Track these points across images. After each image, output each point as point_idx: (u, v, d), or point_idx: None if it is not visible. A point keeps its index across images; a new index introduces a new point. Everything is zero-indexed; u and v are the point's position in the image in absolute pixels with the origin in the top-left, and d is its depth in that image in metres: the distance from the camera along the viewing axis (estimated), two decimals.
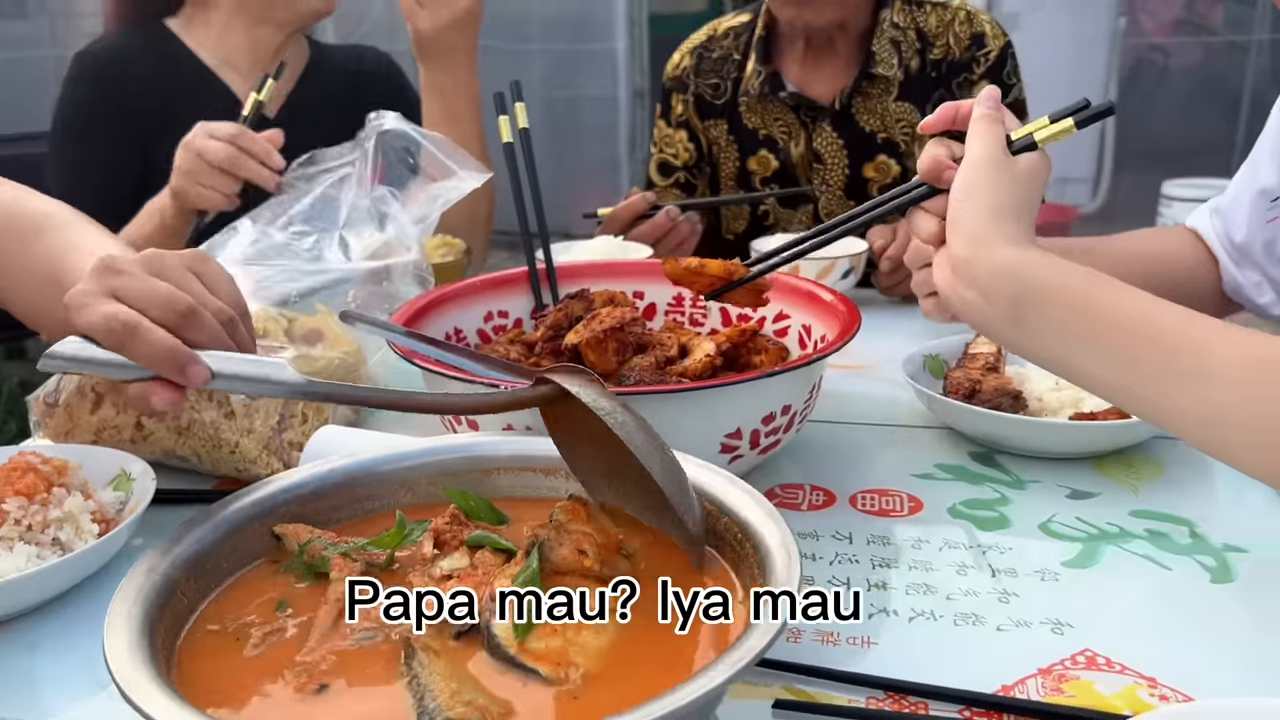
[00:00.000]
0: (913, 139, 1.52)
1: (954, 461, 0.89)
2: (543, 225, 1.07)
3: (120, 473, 0.79)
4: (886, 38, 1.48)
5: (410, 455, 0.69)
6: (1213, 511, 0.79)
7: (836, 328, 0.88)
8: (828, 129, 1.52)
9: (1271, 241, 1.14)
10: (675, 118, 1.65)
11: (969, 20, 1.49)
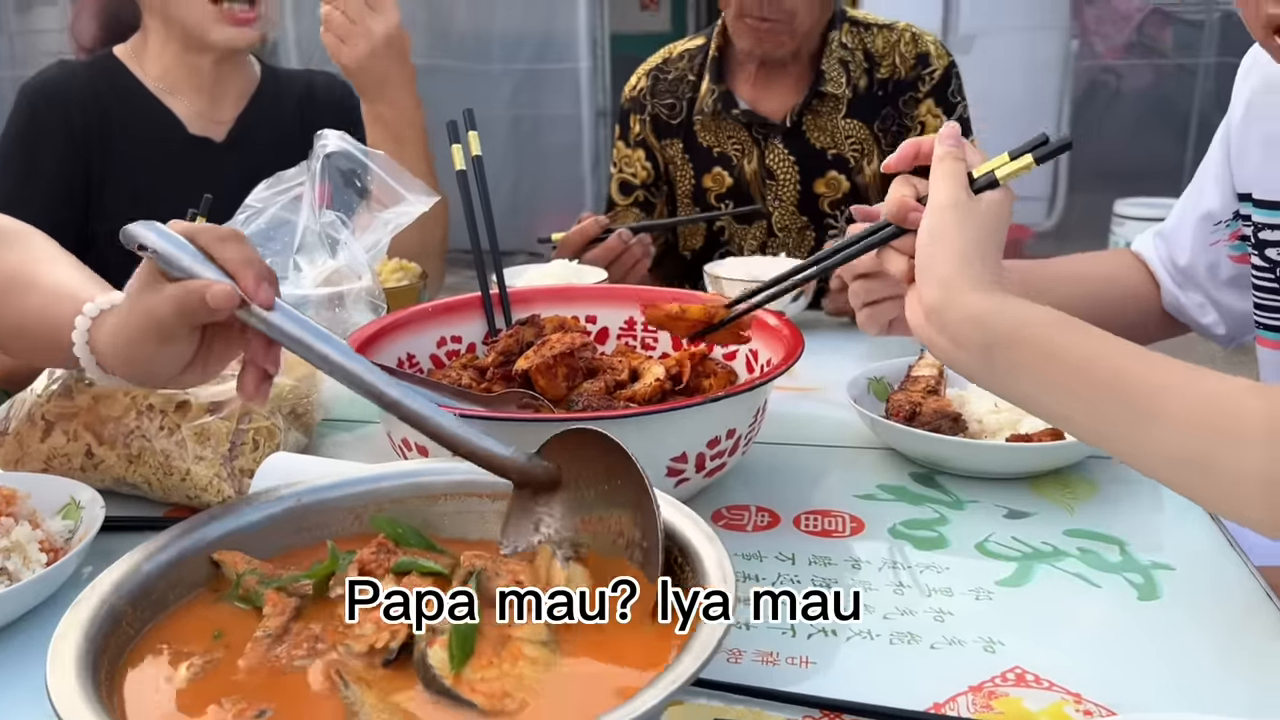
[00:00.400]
0: (861, 155, 1.56)
1: (896, 482, 0.91)
2: (495, 251, 1.08)
3: (69, 501, 0.79)
4: (835, 58, 1.54)
5: (355, 483, 0.70)
6: (1143, 530, 0.82)
7: (782, 352, 0.91)
8: (779, 146, 1.57)
9: (1214, 264, 1.17)
10: (633, 137, 1.69)
11: (914, 41, 1.55)
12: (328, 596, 0.62)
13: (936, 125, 1.55)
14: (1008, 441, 0.90)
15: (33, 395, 0.89)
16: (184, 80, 1.46)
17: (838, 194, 1.57)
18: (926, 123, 1.55)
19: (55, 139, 1.38)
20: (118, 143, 1.41)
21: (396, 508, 0.70)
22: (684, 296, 1.05)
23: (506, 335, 0.95)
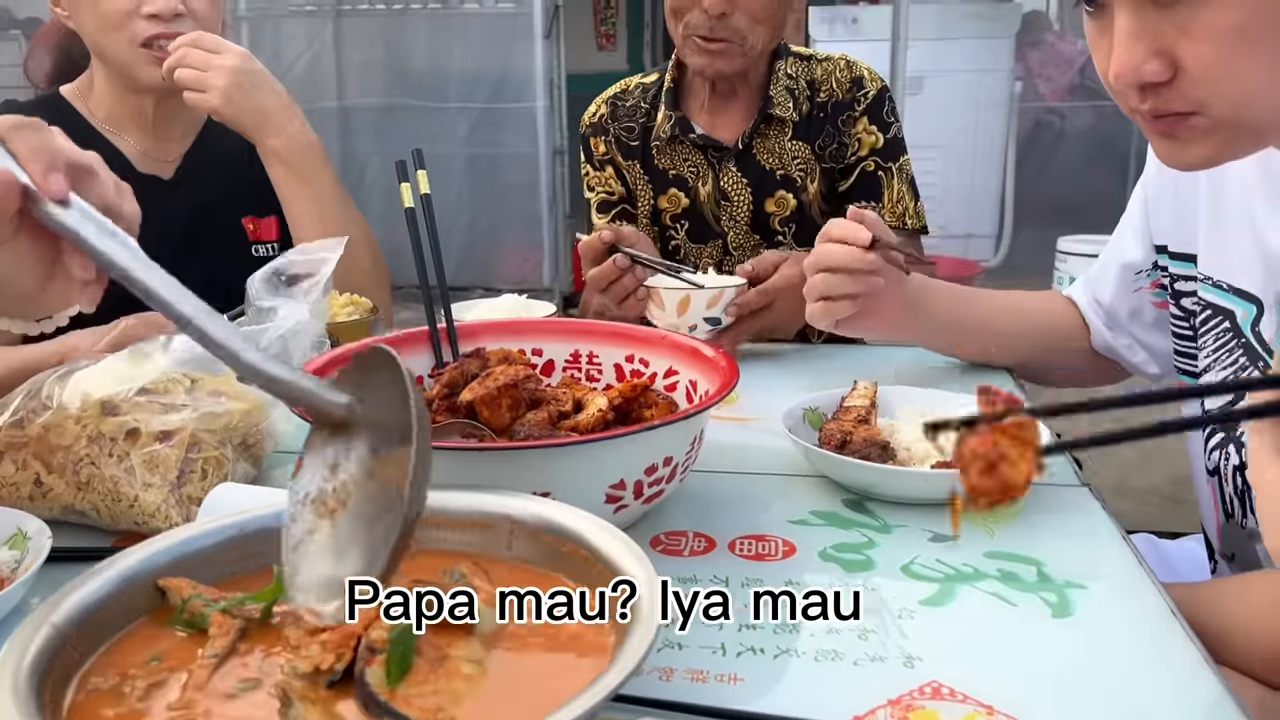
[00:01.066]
0: (806, 174, 1.64)
1: (828, 508, 0.95)
2: (443, 286, 1.11)
3: (16, 531, 0.81)
4: (782, 85, 1.62)
5: None
6: (1059, 552, 0.86)
7: (719, 383, 0.94)
8: (732, 168, 1.64)
9: (1138, 309, 1.23)
10: (600, 157, 1.76)
11: (849, 67, 1.66)
12: (272, 620, 0.64)
13: (871, 141, 1.63)
14: (933, 468, 0.94)
15: None
16: (129, 119, 1.48)
17: (786, 212, 1.65)
18: (862, 139, 1.63)
19: None
20: None
21: None
22: (624, 333, 1.09)
23: (452, 368, 0.97)
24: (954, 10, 5.04)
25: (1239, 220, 1.02)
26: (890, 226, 1.57)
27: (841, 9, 5.32)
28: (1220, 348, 1.06)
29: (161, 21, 1.36)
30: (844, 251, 1.14)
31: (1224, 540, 1.10)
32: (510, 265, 4.77)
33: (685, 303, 1.34)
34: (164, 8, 1.36)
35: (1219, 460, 1.05)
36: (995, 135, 5.10)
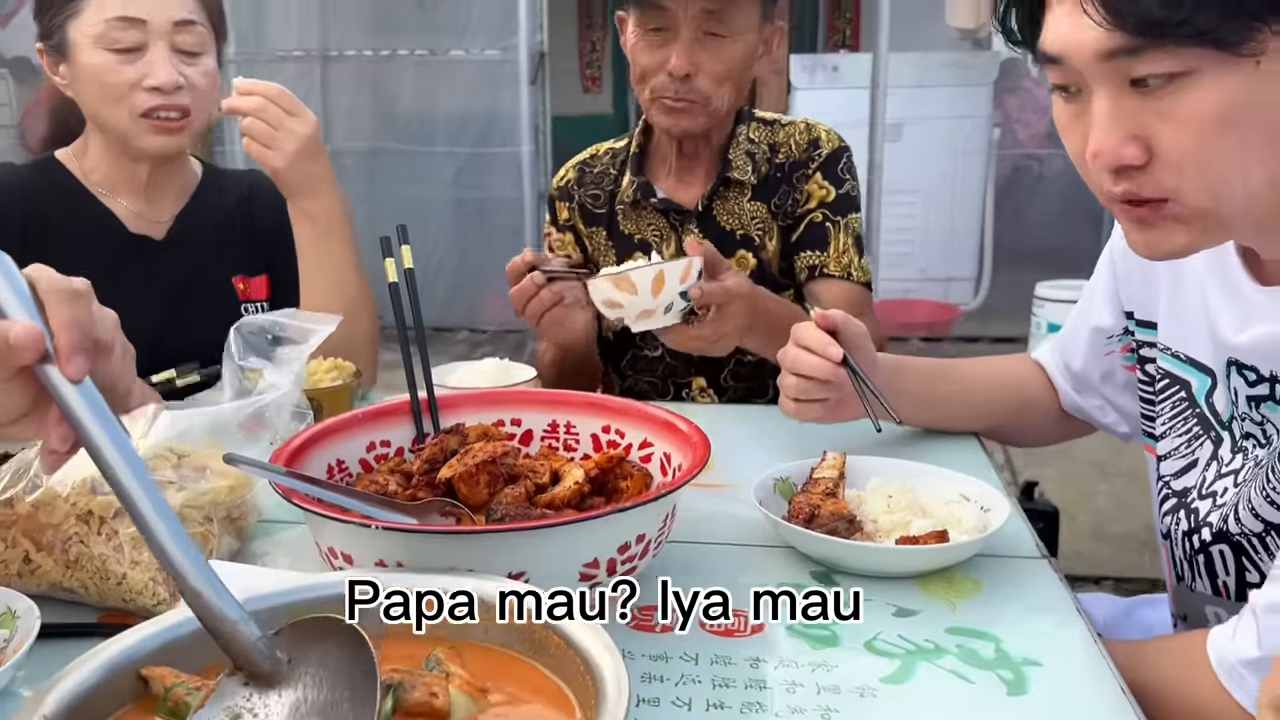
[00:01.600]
0: (764, 233, 1.68)
1: (796, 581, 0.98)
2: (425, 360, 1.14)
3: (5, 610, 0.83)
4: (742, 149, 1.66)
5: (284, 594, 0.75)
6: (1016, 628, 0.89)
7: (692, 456, 0.97)
8: (694, 230, 1.68)
9: (1109, 371, 1.27)
10: (562, 222, 1.80)
11: (808, 129, 1.70)
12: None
13: (821, 195, 1.65)
14: (897, 544, 0.97)
15: None
16: (123, 183, 1.51)
17: (747, 270, 1.68)
18: (813, 192, 1.65)
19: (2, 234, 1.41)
20: (58, 242, 1.44)
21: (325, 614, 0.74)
22: (601, 404, 1.12)
23: (431, 444, 1.00)
24: (933, 58, 5.14)
25: (1195, 294, 1.05)
26: (835, 277, 1.62)
27: (822, 57, 5.42)
28: (1176, 416, 1.10)
29: (162, 94, 1.40)
30: (814, 363, 1.19)
31: (1176, 602, 1.13)
32: (495, 307, 4.81)
33: (660, 279, 1.27)
34: (165, 81, 1.39)
35: (1170, 524, 1.08)
36: (974, 180, 5.19)
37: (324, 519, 0.83)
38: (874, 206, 4.76)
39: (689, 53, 1.52)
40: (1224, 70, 0.77)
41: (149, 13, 1.40)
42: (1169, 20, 0.75)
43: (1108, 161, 0.82)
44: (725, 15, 1.51)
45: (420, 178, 4.63)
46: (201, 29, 1.45)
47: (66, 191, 1.49)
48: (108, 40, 1.39)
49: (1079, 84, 0.84)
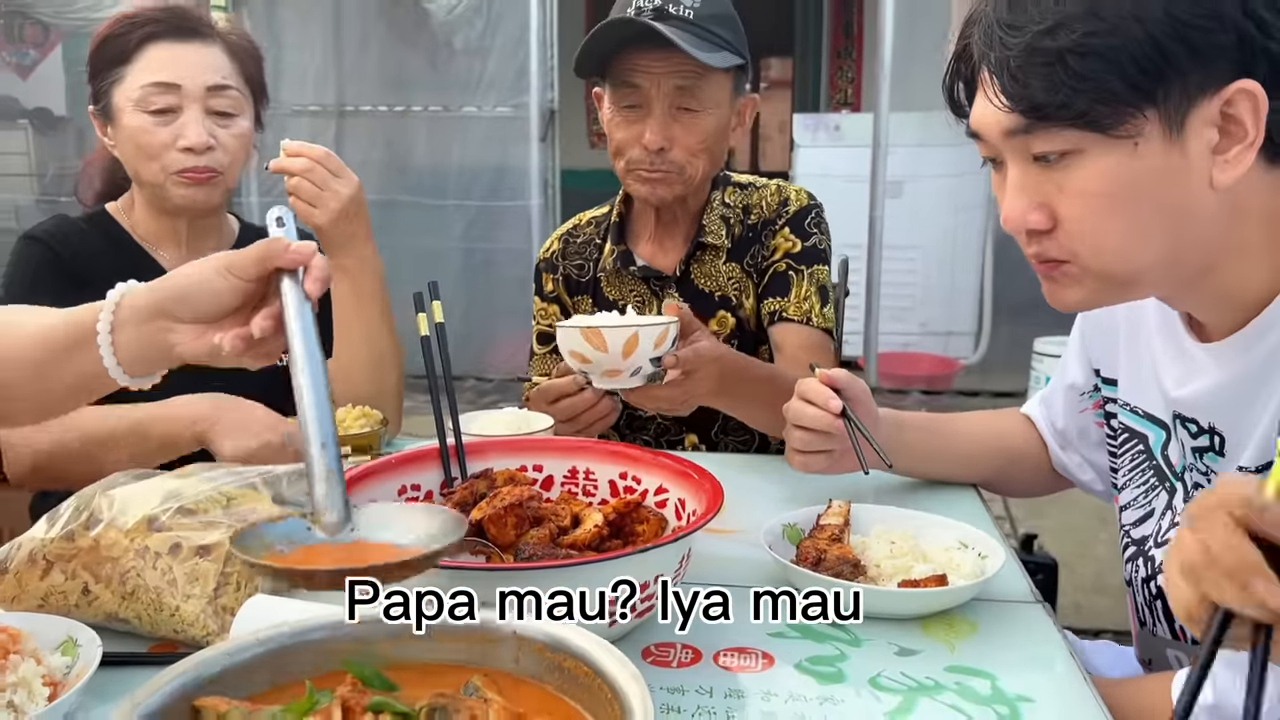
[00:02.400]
0: (740, 292, 1.73)
1: (805, 621, 1.04)
2: (454, 408, 1.21)
3: (67, 638, 0.89)
4: (716, 214, 1.73)
5: (327, 625, 0.81)
6: (1011, 666, 0.95)
7: (705, 502, 1.04)
8: (674, 294, 1.74)
9: (1084, 428, 1.33)
10: (547, 293, 1.86)
11: (779, 191, 1.76)
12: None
13: (787, 247, 1.70)
14: (899, 586, 1.03)
15: (32, 539, 0.98)
16: (165, 236, 1.59)
17: (727, 330, 1.74)
18: (779, 245, 1.70)
19: (51, 284, 1.48)
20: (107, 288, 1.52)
21: (366, 648, 0.80)
22: (619, 451, 1.18)
23: (463, 488, 1.07)
24: (933, 118, 5.25)
25: (1146, 351, 1.12)
26: (794, 320, 1.66)
27: (825, 116, 5.55)
28: (1135, 468, 1.17)
29: (194, 154, 1.48)
30: (815, 415, 1.25)
31: (1141, 647, 1.19)
32: (502, 356, 4.89)
33: (633, 342, 1.25)
34: (196, 142, 1.48)
35: (1131, 572, 1.14)
36: (973, 236, 5.28)
37: None
38: (874, 261, 4.85)
39: (663, 128, 1.58)
40: (1105, 150, 0.88)
41: (183, 78, 1.49)
42: (1051, 104, 0.87)
43: (1015, 226, 0.94)
44: (697, 91, 1.57)
45: (432, 229, 4.73)
46: (236, 93, 1.54)
47: (116, 242, 1.57)
48: (145, 103, 1.48)
49: (999, 157, 0.96)
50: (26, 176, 6.16)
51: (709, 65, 1.53)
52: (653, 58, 1.55)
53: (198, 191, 1.52)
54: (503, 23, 4.60)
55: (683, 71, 1.55)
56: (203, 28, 1.54)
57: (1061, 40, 0.85)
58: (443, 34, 4.66)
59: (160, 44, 1.49)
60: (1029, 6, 0.88)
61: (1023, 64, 0.87)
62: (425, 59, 4.81)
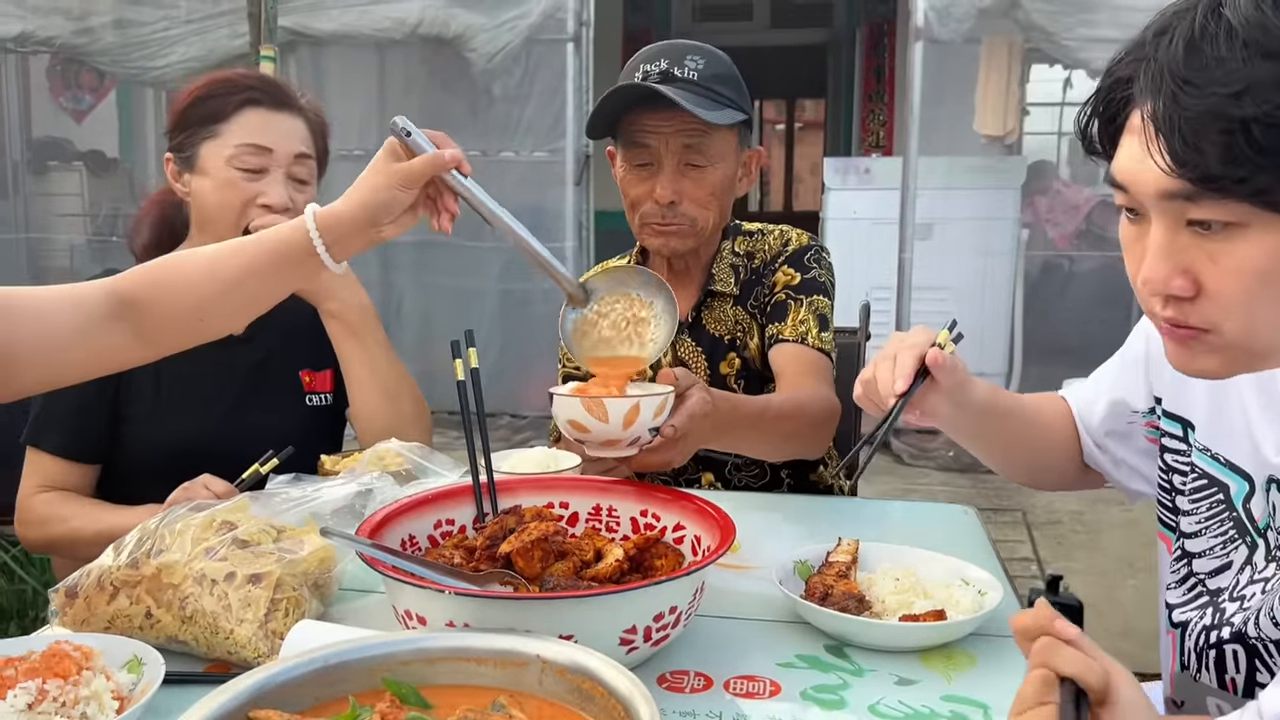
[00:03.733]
0: (746, 334, 1.81)
1: (810, 652, 1.10)
2: (486, 449, 1.29)
3: (133, 658, 0.97)
4: (726, 263, 1.81)
5: (370, 648, 0.89)
6: (1005, 696, 1.00)
7: (719, 539, 1.11)
8: (687, 339, 1.83)
9: (1128, 434, 1.28)
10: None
11: (781, 235, 1.85)
12: None
13: (786, 280, 1.77)
14: (900, 621, 1.10)
15: (100, 566, 1.08)
16: None
17: (735, 370, 1.82)
18: (779, 280, 1.78)
19: None
20: None
21: (403, 669, 0.88)
22: (640, 490, 1.26)
23: (493, 523, 1.15)
24: (961, 162, 5.34)
25: (1237, 404, 1.09)
26: (789, 340, 1.71)
27: (855, 159, 5.64)
28: (1212, 517, 1.13)
29: (272, 213, 1.59)
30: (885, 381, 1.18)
31: (1175, 688, 1.21)
32: (535, 393, 4.98)
33: (634, 412, 1.25)
34: (277, 202, 1.60)
35: (1191, 616, 1.11)
36: (1003, 279, 5.33)
37: (402, 584, 0.97)
38: (904, 302, 4.91)
39: (672, 182, 1.68)
40: (1272, 228, 0.83)
41: (276, 144, 1.62)
42: (1228, 177, 0.80)
43: (1156, 289, 0.89)
44: (703, 147, 1.67)
45: (469, 270, 4.86)
46: (312, 162, 1.68)
47: None
48: (239, 161, 1.60)
49: (1141, 210, 0.90)
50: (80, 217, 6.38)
51: (712, 123, 1.63)
52: (660, 118, 1.65)
53: None
54: (540, 71, 4.74)
55: (688, 130, 1.65)
56: (293, 101, 1.67)
57: (1247, 109, 0.78)
58: (482, 82, 4.81)
59: (258, 110, 1.63)
60: (1211, 64, 0.80)
61: (1199, 128, 0.80)
62: (465, 106, 4.96)
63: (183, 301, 1.19)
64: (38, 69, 5.88)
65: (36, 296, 1.16)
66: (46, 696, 0.88)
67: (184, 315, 1.20)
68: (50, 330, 1.14)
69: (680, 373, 1.35)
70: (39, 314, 1.14)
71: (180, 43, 5.04)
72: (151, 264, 1.22)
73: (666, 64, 1.66)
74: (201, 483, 1.38)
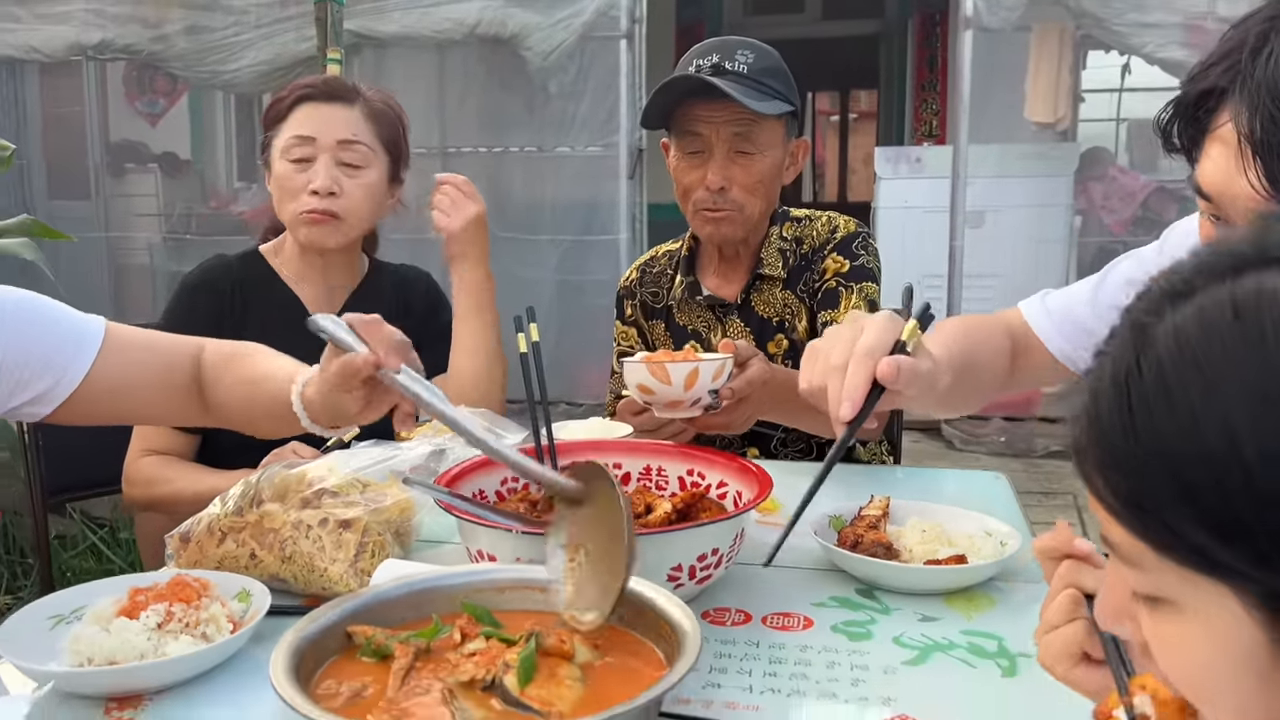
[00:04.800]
0: (794, 316, 1.90)
1: (843, 594, 1.21)
2: (547, 415, 1.41)
3: (242, 590, 1.11)
4: (774, 247, 1.91)
5: (449, 577, 1.02)
6: (1019, 632, 1.11)
7: (757, 491, 1.22)
8: (736, 319, 1.93)
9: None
10: (627, 317, 2.07)
11: (829, 221, 1.94)
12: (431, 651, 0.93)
13: (836, 267, 1.86)
14: (925, 564, 1.20)
15: (209, 514, 1.22)
16: (306, 272, 1.84)
17: (782, 351, 1.92)
18: (828, 267, 1.87)
19: (205, 318, 1.74)
20: (254, 320, 1.77)
21: (478, 595, 1.01)
22: (687, 452, 1.37)
23: None
24: (1013, 150, 5.35)
25: None
26: None
27: (906, 149, 5.69)
28: None
29: (318, 197, 1.73)
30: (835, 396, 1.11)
31: None
32: (591, 383, 5.11)
33: (694, 376, 1.39)
34: (320, 185, 1.73)
35: None
36: (1056, 266, 5.34)
37: (477, 526, 1.10)
38: (955, 290, 4.95)
39: (722, 170, 1.79)
40: None
41: (319, 132, 1.75)
42: None
43: None
44: (752, 136, 1.77)
45: (527, 262, 5.00)
46: (365, 148, 1.78)
47: (264, 278, 1.82)
48: (288, 153, 1.74)
49: (1226, 219, 0.90)
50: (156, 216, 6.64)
51: (761, 113, 1.73)
52: (712, 108, 1.76)
53: (316, 231, 1.76)
54: (594, 68, 4.87)
55: (739, 119, 1.76)
56: (347, 94, 1.79)
57: None
58: (538, 79, 4.95)
59: (308, 105, 1.76)
60: None
61: None
62: (522, 103, 5.11)
63: (234, 393, 1.27)
64: (114, 76, 6.14)
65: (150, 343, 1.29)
66: (173, 618, 1.02)
67: (234, 404, 1.27)
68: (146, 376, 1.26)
69: (742, 344, 1.48)
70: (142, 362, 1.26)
71: (250, 47, 5.24)
72: (233, 347, 1.32)
73: (718, 58, 1.76)
74: (291, 448, 1.52)
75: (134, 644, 1.00)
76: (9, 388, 1.18)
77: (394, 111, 1.85)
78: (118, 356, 1.23)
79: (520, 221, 5.07)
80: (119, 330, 1.26)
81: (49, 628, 1.07)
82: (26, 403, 1.20)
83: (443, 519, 1.34)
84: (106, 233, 6.05)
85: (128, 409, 1.29)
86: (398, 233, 4.98)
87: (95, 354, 1.21)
